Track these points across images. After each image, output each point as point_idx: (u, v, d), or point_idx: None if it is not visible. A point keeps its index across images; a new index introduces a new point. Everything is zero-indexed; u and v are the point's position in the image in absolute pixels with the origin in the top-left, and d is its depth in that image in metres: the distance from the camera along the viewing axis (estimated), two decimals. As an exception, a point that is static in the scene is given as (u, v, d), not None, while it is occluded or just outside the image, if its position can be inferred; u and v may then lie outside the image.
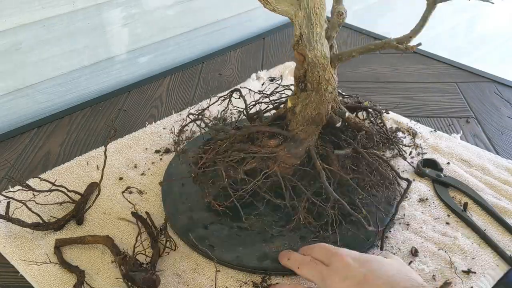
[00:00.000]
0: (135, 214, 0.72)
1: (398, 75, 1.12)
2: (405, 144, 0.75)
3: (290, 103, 0.68)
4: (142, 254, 0.66)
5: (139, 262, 0.64)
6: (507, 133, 0.92)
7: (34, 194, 0.74)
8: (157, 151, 0.88)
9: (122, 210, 0.75)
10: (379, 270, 0.53)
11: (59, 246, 0.69)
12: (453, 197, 0.76)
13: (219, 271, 0.65)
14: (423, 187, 0.78)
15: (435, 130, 0.91)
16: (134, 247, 0.64)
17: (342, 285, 0.53)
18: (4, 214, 0.70)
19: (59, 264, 0.66)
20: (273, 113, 0.75)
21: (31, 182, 0.78)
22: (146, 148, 0.89)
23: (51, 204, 0.76)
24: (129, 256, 0.64)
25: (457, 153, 0.85)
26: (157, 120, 0.97)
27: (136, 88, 1.10)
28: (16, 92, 1.00)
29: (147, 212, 0.71)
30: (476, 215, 0.73)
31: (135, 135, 0.92)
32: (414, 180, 0.79)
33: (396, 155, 0.82)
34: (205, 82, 1.12)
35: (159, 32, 1.17)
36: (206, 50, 1.27)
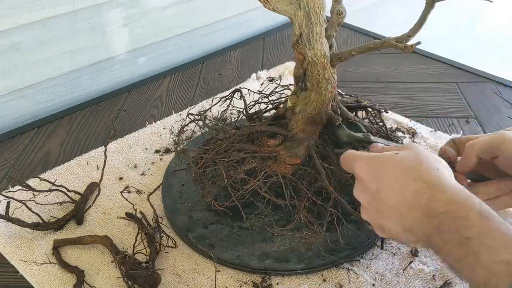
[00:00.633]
0: (130, 214, 0.72)
1: (398, 75, 1.12)
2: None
3: (290, 102, 0.68)
4: (141, 254, 0.66)
5: (138, 261, 0.64)
6: (507, 133, 0.92)
7: (34, 194, 0.74)
8: (157, 151, 0.88)
9: (122, 210, 0.75)
10: (387, 180, 0.53)
11: (58, 247, 0.69)
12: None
13: (219, 271, 0.65)
14: (423, 187, 0.78)
15: (435, 130, 0.91)
16: (134, 246, 0.64)
17: (363, 197, 0.56)
18: (4, 214, 0.70)
19: (58, 264, 0.66)
20: (272, 113, 0.75)
21: (31, 182, 0.78)
22: (146, 148, 0.89)
23: (51, 204, 0.76)
24: (128, 255, 0.64)
25: (457, 153, 0.85)
26: (157, 120, 0.97)
27: (136, 88, 1.10)
28: (16, 92, 1.00)
29: (141, 212, 0.71)
30: (476, 215, 0.73)
31: (135, 135, 0.93)
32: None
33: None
34: (205, 82, 1.12)
35: (159, 32, 1.17)
36: (206, 50, 1.27)
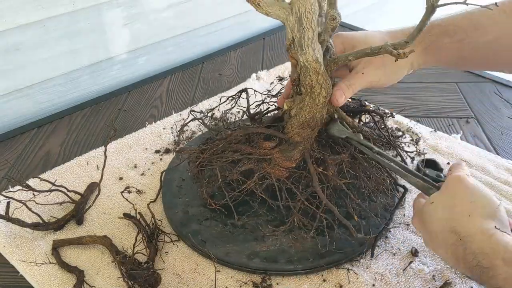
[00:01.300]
0: (129, 215, 0.72)
1: (398, 75, 1.12)
2: (406, 151, 0.75)
3: (286, 105, 0.68)
4: (141, 254, 0.66)
5: (138, 261, 0.64)
6: (507, 133, 0.92)
7: (34, 194, 0.74)
8: (157, 151, 0.88)
9: (122, 210, 0.74)
10: (431, 234, 0.57)
11: (58, 247, 0.69)
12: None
13: (219, 271, 0.65)
14: (423, 187, 0.78)
15: (435, 130, 0.91)
16: (134, 246, 0.65)
17: (419, 228, 0.61)
18: (4, 214, 0.70)
19: (58, 264, 0.66)
20: (274, 113, 0.74)
21: (31, 182, 0.78)
22: (146, 148, 0.89)
23: (51, 204, 0.76)
24: (128, 255, 0.64)
25: (457, 153, 0.85)
26: (157, 120, 0.97)
27: (136, 88, 1.10)
28: (16, 92, 1.00)
29: (140, 213, 0.71)
30: (476, 215, 0.73)
31: (135, 135, 0.93)
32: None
33: (396, 156, 0.82)
34: (205, 82, 1.12)
35: (159, 32, 1.17)
36: (206, 50, 1.27)
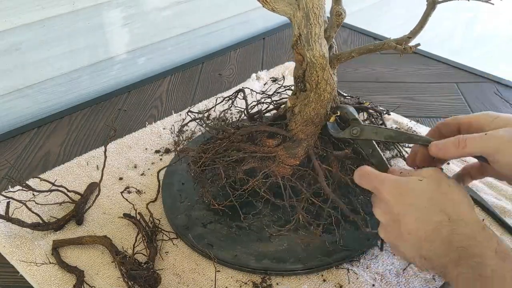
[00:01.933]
0: (129, 215, 0.73)
1: (398, 75, 1.12)
2: (406, 151, 0.76)
3: (290, 103, 0.68)
4: (141, 254, 0.66)
5: (138, 261, 0.64)
6: (507, 133, 0.91)
7: (34, 194, 0.74)
8: (157, 151, 0.88)
9: (122, 210, 0.74)
10: (410, 208, 0.54)
11: (57, 247, 0.69)
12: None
13: (219, 271, 0.65)
14: (423, 187, 0.78)
15: (435, 130, 0.91)
16: (134, 246, 0.65)
17: (384, 217, 0.57)
18: (4, 214, 0.70)
19: (58, 265, 0.66)
20: (273, 113, 0.75)
21: (31, 182, 0.78)
22: (146, 148, 0.89)
23: (51, 204, 0.76)
24: (128, 255, 0.64)
25: (457, 153, 0.85)
26: (157, 120, 0.97)
27: (136, 88, 1.10)
28: (16, 92, 1.00)
29: (140, 213, 0.71)
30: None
31: (135, 135, 0.93)
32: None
33: (396, 155, 0.82)
34: (205, 82, 1.12)
35: (159, 32, 1.17)
36: (206, 50, 1.27)
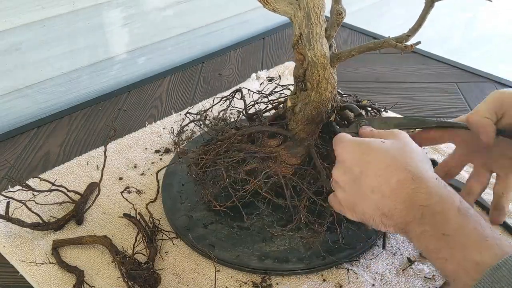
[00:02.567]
0: (129, 215, 0.72)
1: (398, 75, 1.12)
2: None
3: (290, 102, 0.68)
4: (141, 254, 0.66)
5: (138, 261, 0.64)
6: (507, 133, 0.91)
7: (34, 194, 0.74)
8: (157, 151, 0.88)
9: (122, 210, 0.74)
10: (373, 165, 0.51)
11: (57, 247, 0.69)
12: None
13: (219, 271, 0.65)
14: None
15: (435, 130, 0.91)
16: (134, 246, 0.64)
17: (343, 178, 0.55)
18: (4, 214, 0.70)
19: (58, 264, 0.66)
20: (272, 113, 0.75)
21: (31, 182, 0.78)
22: (146, 148, 0.89)
23: (51, 204, 0.76)
24: (128, 255, 0.64)
25: (457, 153, 0.85)
26: (157, 120, 0.97)
27: (136, 88, 1.10)
28: (16, 92, 1.00)
29: (139, 213, 0.71)
30: (476, 215, 0.73)
31: (135, 135, 0.93)
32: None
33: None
34: (205, 82, 1.12)
35: (158, 32, 1.17)
36: (206, 50, 1.27)
